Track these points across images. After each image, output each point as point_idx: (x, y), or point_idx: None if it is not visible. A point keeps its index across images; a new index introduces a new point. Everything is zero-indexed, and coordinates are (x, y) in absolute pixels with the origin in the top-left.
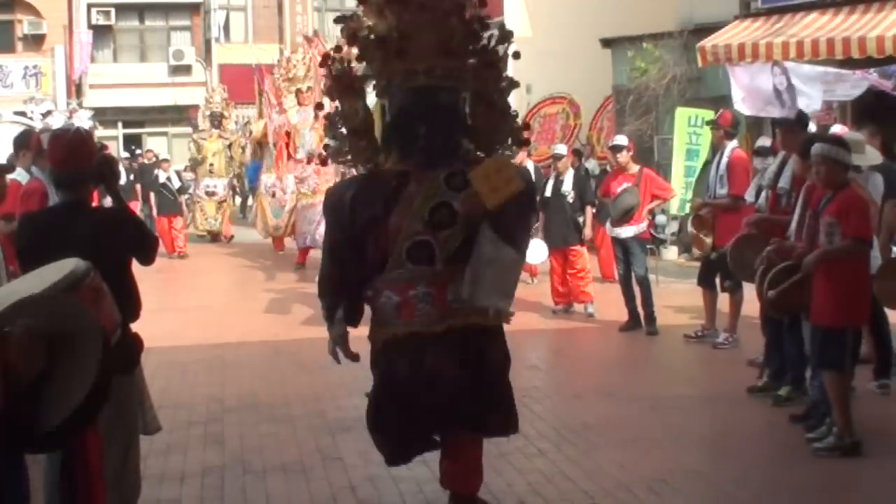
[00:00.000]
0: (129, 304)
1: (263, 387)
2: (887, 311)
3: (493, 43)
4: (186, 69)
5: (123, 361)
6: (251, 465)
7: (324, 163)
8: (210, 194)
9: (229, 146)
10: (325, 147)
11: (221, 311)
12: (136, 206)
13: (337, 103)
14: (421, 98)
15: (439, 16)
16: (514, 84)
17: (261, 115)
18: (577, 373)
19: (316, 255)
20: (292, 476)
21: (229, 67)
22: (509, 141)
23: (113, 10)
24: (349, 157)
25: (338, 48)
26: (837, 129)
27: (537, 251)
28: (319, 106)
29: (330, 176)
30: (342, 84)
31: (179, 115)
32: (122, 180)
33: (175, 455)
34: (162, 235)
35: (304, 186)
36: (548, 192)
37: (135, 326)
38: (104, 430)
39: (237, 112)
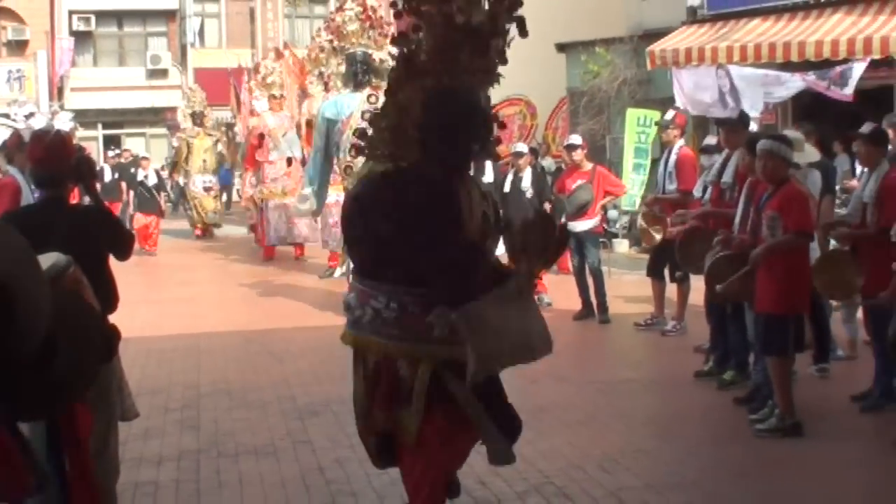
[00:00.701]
0: (108, 296)
1: (236, 374)
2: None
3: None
4: (163, 73)
5: (103, 350)
6: (225, 448)
7: (360, 152)
8: (207, 189)
9: (216, 143)
10: (362, 134)
11: (197, 302)
12: (119, 206)
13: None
14: (474, 99)
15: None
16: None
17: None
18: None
19: (284, 250)
20: (264, 458)
21: (204, 71)
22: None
23: (93, 17)
24: (390, 150)
25: (416, 27)
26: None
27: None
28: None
29: (299, 178)
30: (412, 69)
31: (156, 116)
32: (108, 178)
33: (152, 440)
34: (138, 231)
35: (275, 186)
36: (507, 189)
37: (113, 318)
38: None
39: (213, 114)
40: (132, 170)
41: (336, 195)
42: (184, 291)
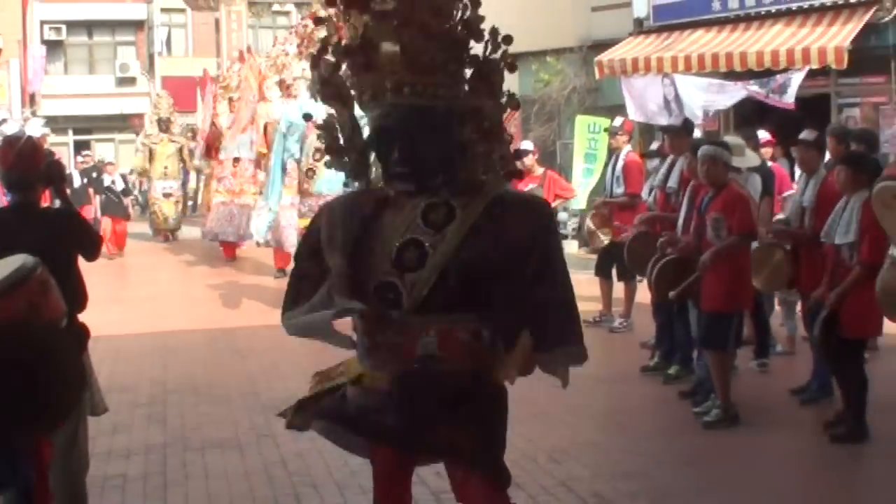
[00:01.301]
0: (77, 296)
1: (202, 371)
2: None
3: (488, 51)
4: (132, 81)
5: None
6: (191, 442)
7: (328, 167)
8: (167, 195)
9: (179, 150)
10: (320, 151)
11: (162, 302)
12: (90, 210)
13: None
14: (391, 118)
15: (407, 24)
16: (512, 99)
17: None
18: None
19: (244, 251)
20: (228, 452)
21: (171, 79)
22: (499, 169)
23: (64, 27)
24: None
25: (323, 49)
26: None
27: None
28: (308, 116)
29: (245, 179)
30: (328, 90)
31: (125, 123)
32: (77, 183)
33: (121, 434)
34: (104, 235)
35: (220, 186)
36: None
37: (82, 316)
38: None
39: (180, 119)
40: (94, 174)
41: (290, 198)
42: (150, 291)
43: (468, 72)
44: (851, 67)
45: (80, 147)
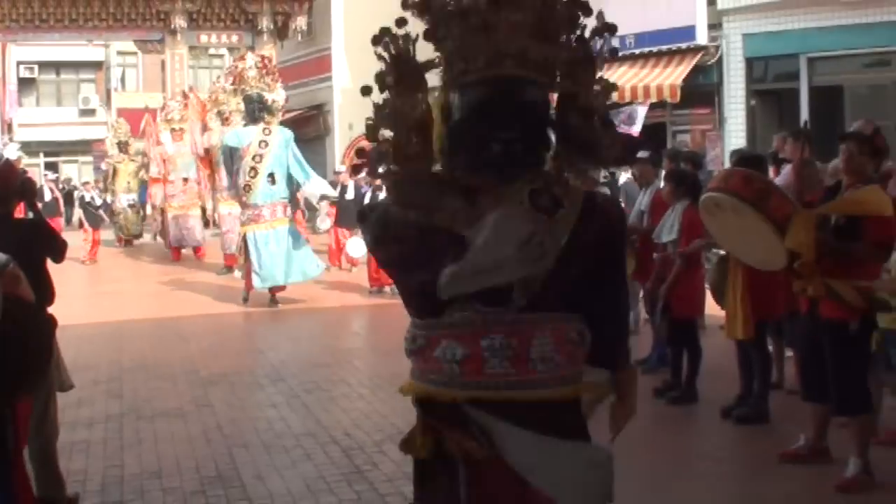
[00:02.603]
0: (46, 291)
1: (151, 352)
2: None
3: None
4: (92, 112)
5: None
6: (143, 412)
7: (356, 171)
8: (131, 206)
9: (138, 168)
10: (359, 153)
11: (119, 296)
12: (60, 221)
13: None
14: (506, 91)
15: None
16: (611, 86)
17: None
18: (387, 336)
19: (188, 252)
20: (174, 420)
21: (125, 110)
22: (605, 157)
23: (36, 66)
24: (394, 164)
25: (401, 20)
26: None
27: (358, 247)
28: (361, 152)
29: (192, 195)
30: (403, 68)
31: (86, 147)
32: (48, 197)
33: (84, 407)
34: (91, 244)
35: (174, 201)
36: (367, 201)
37: (51, 309)
38: None
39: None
40: (73, 192)
41: (228, 209)
42: (109, 287)
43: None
44: (683, 101)
45: (49, 168)
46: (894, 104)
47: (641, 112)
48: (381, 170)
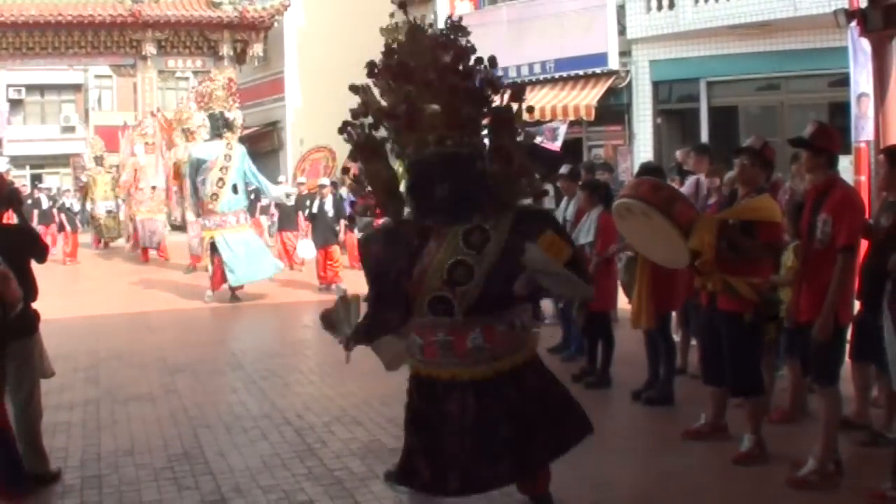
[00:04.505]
0: (31, 289)
1: (124, 343)
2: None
3: (505, 100)
4: (72, 129)
5: (27, 327)
6: (117, 396)
7: (351, 220)
8: (108, 212)
9: (113, 179)
10: (353, 205)
11: (95, 293)
12: (54, 226)
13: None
14: (433, 165)
15: (445, 90)
16: (530, 136)
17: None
18: None
19: (155, 254)
20: (144, 403)
21: (102, 128)
22: (528, 192)
23: (23, 89)
24: (377, 211)
25: (356, 114)
26: None
27: (307, 248)
28: (345, 170)
29: (158, 201)
30: (365, 150)
31: (67, 160)
32: (45, 205)
33: (65, 392)
34: (60, 245)
35: (143, 207)
36: (315, 210)
37: (35, 305)
38: (14, 376)
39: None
40: (60, 200)
41: (193, 217)
42: (87, 285)
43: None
44: (597, 119)
45: (35, 179)
46: (782, 123)
47: (563, 129)
48: (366, 218)
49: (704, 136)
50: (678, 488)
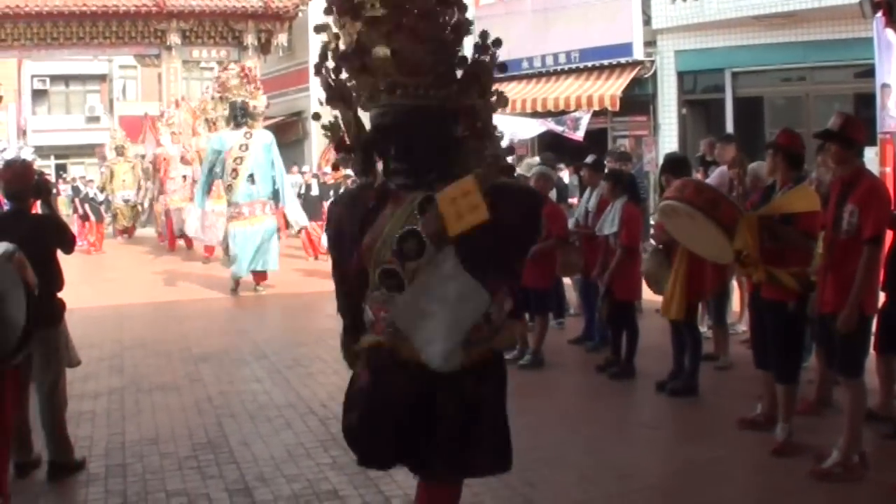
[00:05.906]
0: (56, 279)
1: (149, 332)
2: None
3: (478, 53)
4: (97, 119)
5: (53, 317)
6: (141, 385)
7: (336, 168)
8: (126, 201)
9: (133, 167)
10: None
11: (120, 283)
12: (76, 217)
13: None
14: (387, 117)
15: (398, 29)
16: (502, 99)
17: (158, 144)
18: None
19: (180, 244)
20: (169, 392)
21: (126, 118)
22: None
23: (48, 79)
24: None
25: (323, 55)
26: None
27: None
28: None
29: (189, 191)
30: (332, 93)
31: (92, 150)
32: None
33: (90, 381)
34: (84, 234)
35: (175, 196)
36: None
37: (61, 294)
38: (39, 365)
39: (132, 148)
40: (83, 190)
41: (212, 206)
42: (111, 275)
43: (460, 73)
44: (622, 110)
45: (59, 169)
46: (808, 114)
47: (585, 119)
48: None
49: (729, 127)
50: (702, 479)
